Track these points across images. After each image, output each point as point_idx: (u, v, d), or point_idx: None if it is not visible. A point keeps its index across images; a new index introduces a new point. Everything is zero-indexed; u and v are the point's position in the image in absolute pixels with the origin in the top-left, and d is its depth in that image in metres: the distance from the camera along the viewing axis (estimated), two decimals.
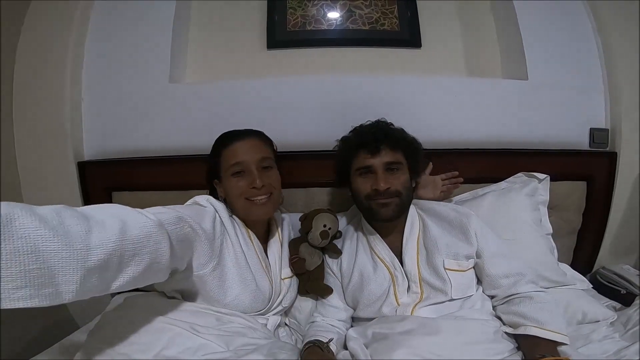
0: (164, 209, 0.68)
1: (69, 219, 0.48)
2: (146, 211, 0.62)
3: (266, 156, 0.88)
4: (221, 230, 0.82)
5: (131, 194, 1.19)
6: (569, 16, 1.31)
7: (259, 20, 1.37)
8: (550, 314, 0.78)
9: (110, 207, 0.58)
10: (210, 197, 0.86)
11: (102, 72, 1.24)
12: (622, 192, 1.27)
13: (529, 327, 0.76)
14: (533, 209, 1.12)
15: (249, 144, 0.87)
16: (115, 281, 0.54)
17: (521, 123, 1.28)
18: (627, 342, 0.84)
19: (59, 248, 0.45)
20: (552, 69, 1.28)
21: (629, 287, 1.11)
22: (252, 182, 0.83)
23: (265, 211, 0.87)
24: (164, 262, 0.61)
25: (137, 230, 0.55)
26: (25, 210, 0.44)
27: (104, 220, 0.52)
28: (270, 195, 0.86)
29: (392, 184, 0.87)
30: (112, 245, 0.51)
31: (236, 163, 0.84)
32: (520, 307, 0.81)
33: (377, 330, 0.82)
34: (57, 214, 0.48)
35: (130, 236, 0.54)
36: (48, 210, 0.47)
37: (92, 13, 1.24)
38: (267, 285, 0.86)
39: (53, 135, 1.18)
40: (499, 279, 0.86)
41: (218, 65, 1.36)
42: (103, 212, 0.55)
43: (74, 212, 0.50)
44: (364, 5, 1.39)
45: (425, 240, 0.91)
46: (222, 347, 0.74)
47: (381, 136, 0.89)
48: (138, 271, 0.56)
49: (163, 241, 0.60)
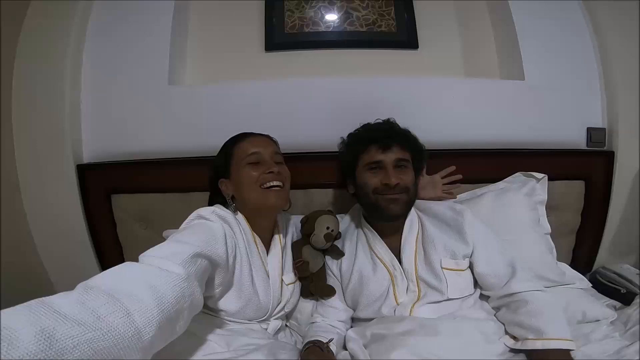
0: (178, 247, 0.64)
1: (102, 308, 0.46)
2: (166, 261, 0.59)
3: (277, 151, 0.92)
4: (232, 245, 0.79)
5: (130, 197, 1.19)
6: (565, 16, 1.32)
7: (257, 23, 1.38)
8: (549, 318, 0.76)
9: (129, 273, 0.55)
10: (216, 209, 0.82)
11: (101, 75, 1.24)
12: (620, 191, 1.27)
13: (529, 340, 0.75)
14: (531, 209, 1.12)
15: (262, 138, 0.91)
16: (170, 339, 0.57)
17: (518, 123, 1.28)
18: (627, 341, 0.84)
19: (112, 344, 0.45)
20: (548, 69, 1.28)
21: (628, 286, 1.11)
22: (268, 168, 0.84)
23: (278, 200, 0.85)
24: (200, 305, 0.64)
25: (170, 292, 0.55)
26: (55, 319, 0.42)
27: (136, 294, 0.51)
28: (283, 187, 0.87)
29: (401, 179, 0.88)
30: (157, 319, 0.51)
31: (253, 153, 0.86)
32: (517, 315, 0.79)
33: (376, 331, 0.82)
34: (84, 305, 0.46)
35: (168, 301, 0.54)
36: (74, 305, 0.45)
37: (91, 15, 1.25)
38: (268, 295, 0.86)
39: (52, 138, 1.18)
40: (488, 277, 0.86)
41: (216, 68, 1.36)
42: (126, 282, 0.52)
43: (98, 295, 0.48)
44: (361, 7, 1.40)
45: (424, 240, 0.91)
46: (222, 347, 0.74)
47: (393, 133, 0.92)
48: (184, 323, 0.59)
49: (195, 290, 0.61)
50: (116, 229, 1.21)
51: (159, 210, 1.18)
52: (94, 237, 1.22)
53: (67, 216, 1.20)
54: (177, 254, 0.61)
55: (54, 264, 1.25)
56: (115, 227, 1.21)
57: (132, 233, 1.20)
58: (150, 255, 0.61)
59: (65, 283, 1.24)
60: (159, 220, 1.17)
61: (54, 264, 1.25)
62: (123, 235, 1.21)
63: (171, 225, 1.12)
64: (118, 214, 1.20)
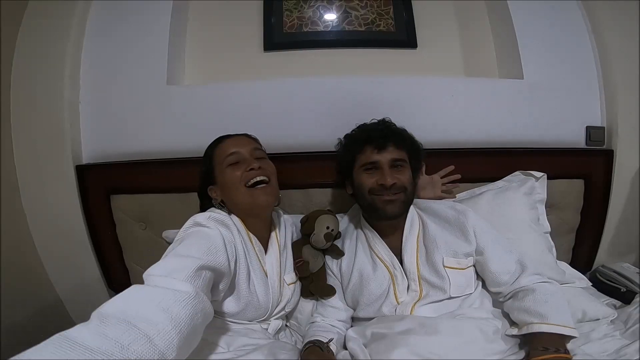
0: (181, 262, 0.64)
1: (124, 337, 0.48)
2: (172, 280, 0.60)
3: (258, 147, 0.91)
4: (232, 250, 0.78)
5: (130, 197, 1.19)
6: (563, 15, 1.32)
7: (255, 23, 1.38)
8: (554, 306, 0.77)
9: (140, 297, 0.56)
10: (212, 214, 0.81)
11: (100, 75, 1.24)
12: (619, 190, 1.27)
13: (533, 324, 0.75)
14: (531, 208, 1.12)
15: (240, 138, 0.91)
16: (188, 353, 0.58)
17: (517, 122, 1.28)
18: (627, 340, 0.84)
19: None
20: (547, 68, 1.28)
21: (628, 285, 1.11)
22: (249, 165, 0.84)
23: (266, 198, 0.84)
24: (210, 315, 0.65)
25: (184, 312, 0.56)
26: (82, 352, 0.44)
27: (152, 319, 0.52)
28: (269, 182, 0.86)
29: (398, 179, 0.87)
30: (175, 340, 0.52)
31: (231, 153, 0.86)
32: (524, 302, 0.80)
33: (376, 330, 0.82)
34: (106, 336, 0.47)
35: (184, 321, 0.55)
36: (96, 337, 0.47)
37: (90, 15, 1.24)
38: (267, 295, 0.86)
39: (51, 138, 1.18)
40: (501, 275, 0.86)
41: (215, 68, 1.36)
42: (139, 307, 0.53)
43: (116, 324, 0.49)
44: (360, 7, 1.40)
45: (425, 239, 0.91)
46: (222, 347, 0.74)
47: (388, 132, 0.91)
48: (200, 335, 0.61)
49: (205, 303, 0.62)
50: (115, 229, 1.21)
51: (158, 211, 1.18)
52: (94, 238, 1.22)
53: (67, 216, 1.20)
54: (181, 270, 0.62)
55: (53, 264, 1.24)
56: (114, 227, 1.21)
57: (131, 233, 1.20)
58: (155, 275, 0.61)
59: (64, 283, 1.26)
60: (159, 221, 1.17)
61: (53, 264, 1.24)
62: (122, 235, 1.21)
63: (171, 226, 1.12)
64: (117, 214, 1.20)
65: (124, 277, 1.24)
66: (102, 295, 1.25)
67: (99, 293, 1.25)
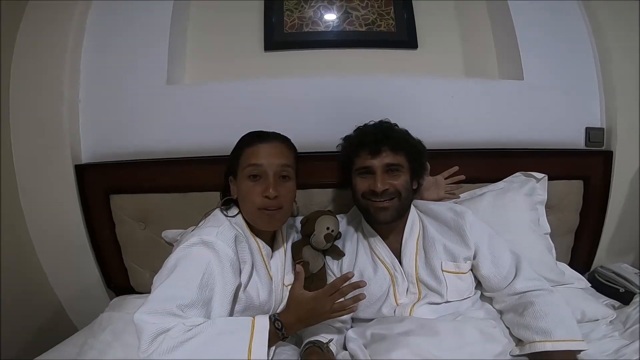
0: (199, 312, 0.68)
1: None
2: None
3: (286, 164, 0.84)
4: (237, 267, 0.77)
5: (129, 197, 1.19)
6: (563, 16, 1.32)
7: (256, 22, 1.38)
8: (556, 319, 0.75)
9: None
10: (219, 229, 0.77)
11: (99, 74, 1.23)
12: (618, 191, 1.28)
13: (536, 342, 0.73)
14: (531, 209, 1.12)
15: (272, 147, 0.84)
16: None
17: (517, 123, 1.28)
18: (626, 341, 0.84)
19: None
20: (547, 69, 1.29)
21: (627, 286, 1.11)
22: (266, 189, 0.79)
23: (272, 225, 0.85)
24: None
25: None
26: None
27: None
28: (281, 209, 0.82)
29: (390, 185, 0.87)
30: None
31: (254, 164, 0.81)
32: (524, 318, 0.78)
33: (376, 331, 0.82)
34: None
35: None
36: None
37: (90, 15, 1.24)
38: (271, 298, 0.86)
39: (50, 138, 1.17)
40: (493, 278, 0.86)
41: (215, 67, 1.36)
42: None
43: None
44: (361, 7, 1.40)
45: (424, 242, 0.91)
46: None
47: (382, 137, 0.88)
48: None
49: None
50: (115, 228, 1.21)
51: (158, 210, 1.17)
52: (93, 238, 1.22)
53: (66, 216, 1.19)
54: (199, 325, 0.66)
55: (52, 264, 1.24)
56: (114, 227, 1.21)
57: (131, 233, 1.20)
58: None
59: (63, 283, 1.25)
60: (158, 220, 1.17)
61: (52, 264, 1.24)
62: (122, 235, 1.21)
63: (170, 226, 1.12)
64: (117, 214, 1.20)
65: (123, 276, 1.23)
66: (101, 294, 1.25)
67: (98, 292, 1.25)
